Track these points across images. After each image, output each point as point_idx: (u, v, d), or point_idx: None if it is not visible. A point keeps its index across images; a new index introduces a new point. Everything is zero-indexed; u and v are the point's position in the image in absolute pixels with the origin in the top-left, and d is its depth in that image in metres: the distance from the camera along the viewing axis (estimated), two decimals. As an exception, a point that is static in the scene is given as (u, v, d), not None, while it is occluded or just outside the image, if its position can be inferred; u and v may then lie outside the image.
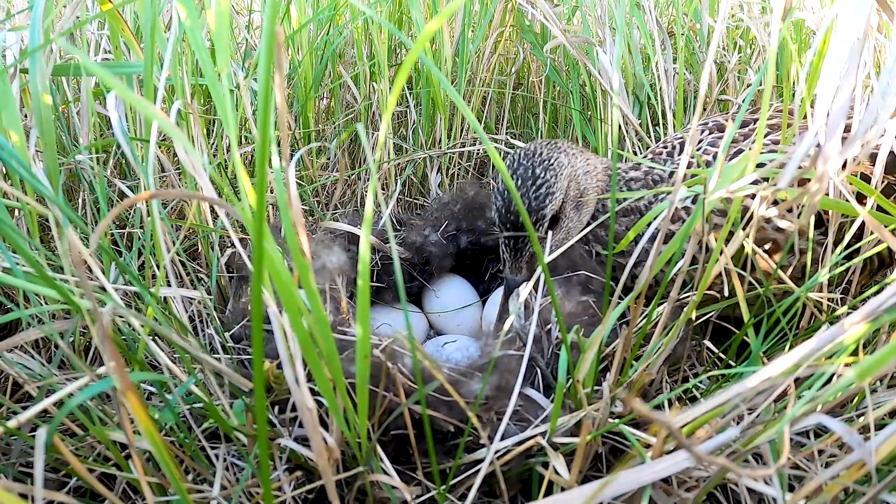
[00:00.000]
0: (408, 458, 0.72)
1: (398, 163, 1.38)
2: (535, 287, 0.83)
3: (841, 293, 0.87)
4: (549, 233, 0.89)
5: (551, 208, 0.86)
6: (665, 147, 0.99)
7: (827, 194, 0.75)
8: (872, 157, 0.80)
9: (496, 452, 0.67)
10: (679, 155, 0.95)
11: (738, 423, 0.58)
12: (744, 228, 0.72)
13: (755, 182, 0.63)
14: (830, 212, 0.82)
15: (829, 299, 0.81)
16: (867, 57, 0.84)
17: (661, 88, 1.32)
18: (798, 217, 0.72)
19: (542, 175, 0.86)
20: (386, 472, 0.66)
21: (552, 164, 0.86)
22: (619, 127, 1.31)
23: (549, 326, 0.82)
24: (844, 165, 0.77)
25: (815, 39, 0.78)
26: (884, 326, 0.77)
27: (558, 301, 0.83)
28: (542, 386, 0.78)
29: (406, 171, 1.39)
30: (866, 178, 0.82)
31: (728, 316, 0.91)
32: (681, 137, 1.00)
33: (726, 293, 0.79)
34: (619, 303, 0.67)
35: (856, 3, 0.57)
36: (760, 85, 1.08)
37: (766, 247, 0.85)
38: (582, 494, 0.52)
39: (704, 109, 1.36)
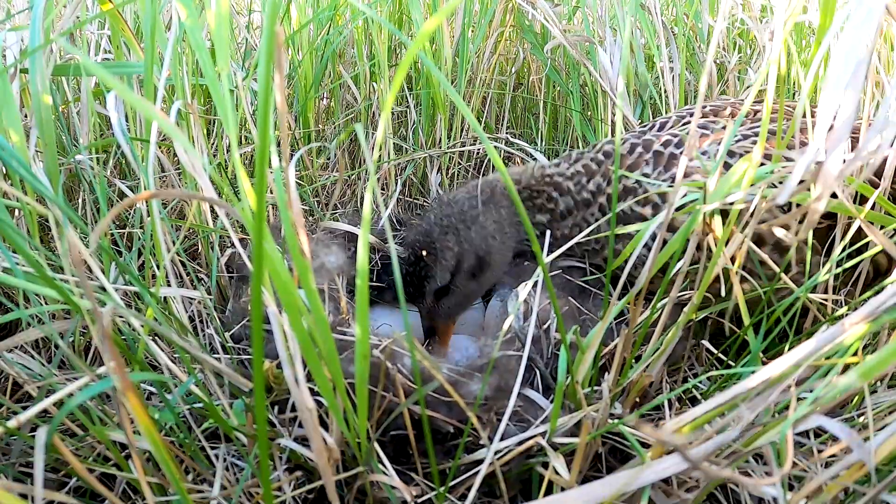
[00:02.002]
0: (407, 459, 0.72)
1: (398, 163, 1.38)
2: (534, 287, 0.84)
3: (845, 296, 0.86)
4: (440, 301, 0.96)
5: (428, 287, 0.94)
6: (645, 125, 0.99)
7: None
8: (878, 171, 0.79)
9: (496, 453, 0.67)
10: (657, 131, 0.95)
11: (737, 424, 0.57)
12: (742, 230, 0.72)
13: (754, 184, 0.63)
14: (837, 214, 0.81)
15: (831, 300, 0.81)
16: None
17: (662, 88, 1.32)
18: (796, 234, 0.71)
19: (424, 257, 0.94)
20: (386, 473, 0.66)
21: (436, 249, 0.93)
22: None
23: (546, 325, 0.82)
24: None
25: (819, 41, 0.77)
26: (884, 327, 0.77)
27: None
28: (541, 386, 0.78)
29: (406, 171, 1.38)
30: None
31: (728, 318, 0.90)
32: (666, 118, 0.99)
33: (729, 292, 0.78)
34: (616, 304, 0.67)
35: (865, 11, 0.55)
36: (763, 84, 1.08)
37: (767, 249, 0.84)
38: (582, 495, 0.52)
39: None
